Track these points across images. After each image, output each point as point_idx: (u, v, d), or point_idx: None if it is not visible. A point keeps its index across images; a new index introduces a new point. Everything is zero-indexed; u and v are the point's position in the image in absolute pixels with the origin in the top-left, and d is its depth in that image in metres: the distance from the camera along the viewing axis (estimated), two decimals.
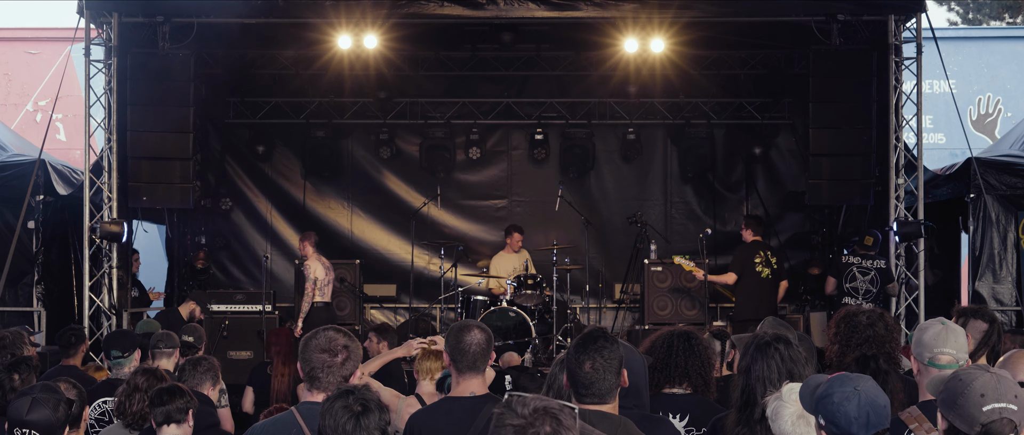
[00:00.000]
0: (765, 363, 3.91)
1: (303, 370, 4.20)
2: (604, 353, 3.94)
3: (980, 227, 11.77)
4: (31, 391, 4.27)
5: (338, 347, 4.17)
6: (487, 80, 14.73)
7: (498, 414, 2.83)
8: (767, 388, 3.86)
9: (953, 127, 16.39)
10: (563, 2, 11.25)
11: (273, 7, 11.46)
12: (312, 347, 4.18)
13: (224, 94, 14.52)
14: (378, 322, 14.68)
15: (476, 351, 4.51)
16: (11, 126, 15.84)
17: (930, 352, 4.43)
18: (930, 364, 4.40)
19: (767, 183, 14.80)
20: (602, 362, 3.91)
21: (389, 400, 5.64)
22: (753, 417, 3.84)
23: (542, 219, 14.56)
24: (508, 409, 2.83)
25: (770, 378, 3.88)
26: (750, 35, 13.11)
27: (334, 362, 4.15)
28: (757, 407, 3.83)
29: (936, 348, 4.43)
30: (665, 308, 12.61)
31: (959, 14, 27.10)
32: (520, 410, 2.81)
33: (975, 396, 3.40)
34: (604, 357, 3.93)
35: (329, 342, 4.18)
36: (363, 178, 15.07)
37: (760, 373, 3.90)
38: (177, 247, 14.49)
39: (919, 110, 11.79)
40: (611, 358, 3.94)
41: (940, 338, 4.44)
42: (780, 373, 3.89)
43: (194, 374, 6.37)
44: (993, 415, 3.35)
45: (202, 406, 5.74)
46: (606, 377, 3.90)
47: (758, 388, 3.88)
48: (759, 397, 3.85)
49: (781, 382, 3.84)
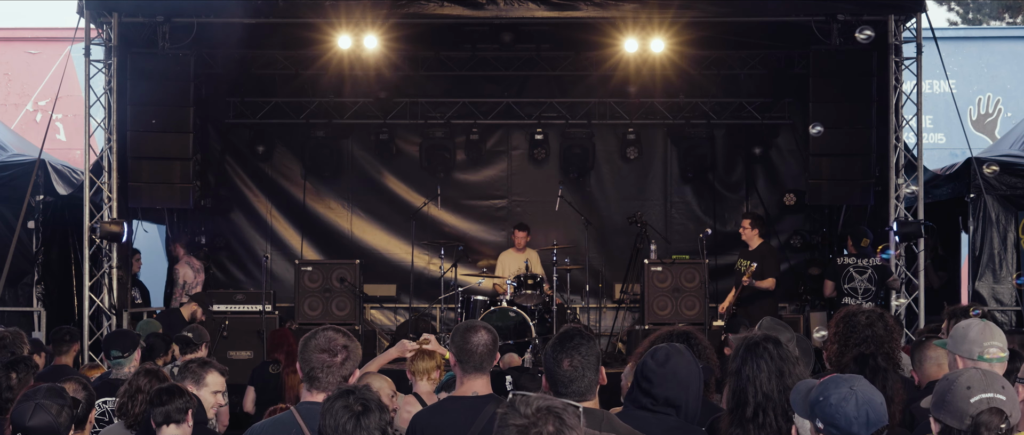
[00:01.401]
0: (755, 363, 3.92)
1: (302, 370, 4.20)
2: (582, 350, 3.96)
3: (980, 227, 11.78)
4: (35, 395, 4.25)
5: (337, 347, 4.18)
6: (487, 80, 14.72)
7: (502, 414, 2.84)
8: (757, 389, 3.87)
9: (953, 127, 16.39)
10: (563, 2, 11.25)
11: (273, 7, 11.46)
12: (311, 347, 4.18)
13: (224, 94, 14.52)
14: (378, 322, 14.73)
15: (483, 352, 4.53)
16: (11, 126, 15.85)
17: (979, 347, 4.55)
18: (981, 359, 4.50)
19: (767, 183, 14.80)
20: (580, 359, 3.92)
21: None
22: (745, 416, 3.86)
23: (542, 219, 14.55)
24: (512, 409, 2.83)
25: (759, 378, 3.89)
26: (750, 35, 13.12)
27: (334, 362, 4.16)
28: (748, 407, 3.85)
29: (985, 342, 4.53)
30: (665, 308, 12.61)
31: (959, 14, 27.11)
32: (523, 409, 2.81)
33: (962, 390, 3.44)
34: (582, 354, 3.95)
35: (328, 342, 4.18)
36: (363, 178, 15.07)
37: (750, 373, 3.90)
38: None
39: (919, 110, 11.79)
40: (589, 354, 3.97)
41: (986, 333, 4.58)
42: (769, 373, 3.90)
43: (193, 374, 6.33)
44: (981, 405, 3.38)
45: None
46: (585, 375, 3.92)
47: (748, 388, 3.89)
48: (750, 397, 3.86)
49: (771, 382, 3.87)
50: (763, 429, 3.83)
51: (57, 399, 4.19)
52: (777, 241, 14.51)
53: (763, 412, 3.85)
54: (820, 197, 12.33)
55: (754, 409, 3.85)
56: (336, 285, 12.70)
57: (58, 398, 4.20)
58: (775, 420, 3.84)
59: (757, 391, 3.86)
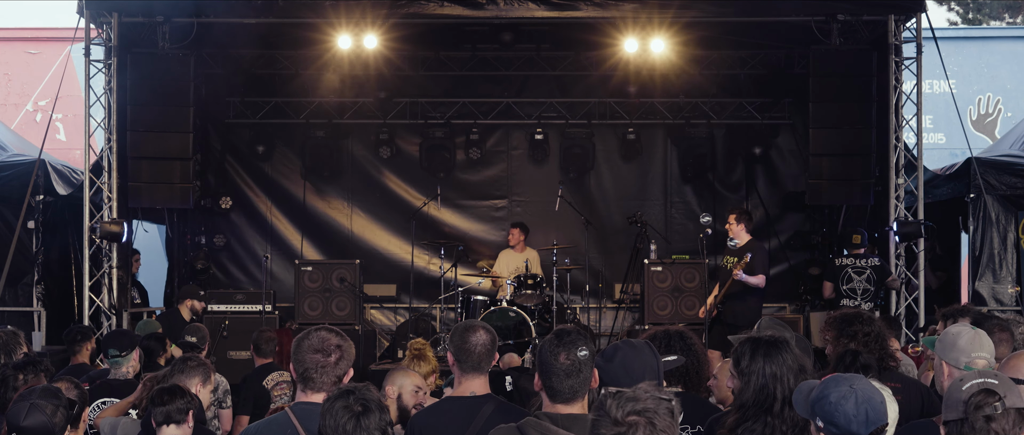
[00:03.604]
0: (780, 360, 4.07)
1: (296, 372, 4.19)
2: (578, 343, 3.97)
3: (980, 227, 11.78)
4: (30, 395, 4.25)
5: (331, 347, 4.18)
6: (487, 80, 14.72)
7: (594, 421, 2.77)
8: (785, 385, 4.01)
9: (953, 127, 16.39)
10: (563, 2, 11.25)
11: (273, 7, 11.46)
12: (304, 348, 4.18)
13: (224, 94, 14.51)
14: (378, 322, 14.72)
15: (481, 352, 4.52)
16: (11, 126, 15.85)
17: (967, 356, 4.57)
18: (967, 368, 4.51)
19: (767, 183, 14.79)
20: (577, 354, 3.93)
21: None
22: (771, 411, 3.99)
23: (542, 219, 14.55)
24: (603, 414, 2.76)
25: (785, 375, 4.04)
26: (750, 35, 13.12)
27: (328, 362, 4.16)
28: (776, 402, 4.00)
29: (973, 352, 4.54)
30: (665, 308, 12.61)
31: (959, 14, 27.10)
32: (614, 413, 2.74)
33: (956, 384, 3.50)
34: (579, 348, 3.96)
35: (321, 342, 4.18)
36: (363, 178, 15.07)
37: (776, 371, 4.05)
38: (177, 247, 14.48)
39: (919, 110, 11.79)
40: (583, 348, 3.98)
41: (976, 343, 4.60)
42: (792, 369, 4.05)
43: (184, 371, 6.31)
44: (973, 389, 3.43)
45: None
46: (581, 370, 3.92)
47: (776, 386, 4.03)
48: (778, 394, 4.01)
49: (795, 378, 4.02)
50: (787, 423, 3.98)
51: (52, 399, 4.19)
52: (778, 241, 14.53)
53: (789, 406, 3.97)
54: (820, 197, 12.33)
55: (782, 404, 4.00)
56: (336, 285, 12.70)
57: (53, 398, 4.20)
58: (797, 414, 3.94)
59: (784, 388, 4.00)
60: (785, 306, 14.10)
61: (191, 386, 5.91)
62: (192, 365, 6.21)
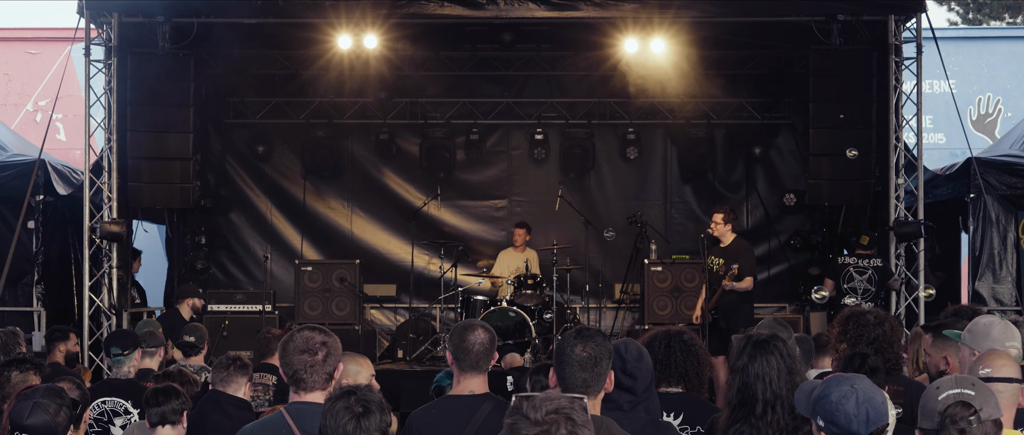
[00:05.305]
0: (765, 360, 3.93)
1: (286, 374, 4.20)
2: (598, 339, 3.99)
3: (980, 227, 11.78)
4: (33, 394, 4.25)
5: (316, 345, 4.18)
6: (487, 80, 14.72)
7: (510, 424, 2.78)
8: (767, 386, 3.90)
9: (953, 127, 16.39)
10: (563, 2, 11.25)
11: (273, 7, 11.46)
12: (290, 351, 4.18)
13: (224, 94, 14.52)
14: (378, 322, 14.72)
15: (479, 351, 4.52)
16: (11, 126, 15.85)
17: (1001, 346, 4.58)
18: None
19: (767, 183, 14.79)
20: (594, 347, 3.94)
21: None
22: (754, 413, 3.88)
23: (542, 219, 14.54)
24: (520, 416, 2.78)
25: (769, 375, 3.91)
26: (750, 35, 13.11)
27: (315, 360, 4.16)
28: (758, 404, 3.88)
29: (1006, 342, 4.56)
30: (665, 308, 12.60)
31: (959, 14, 27.10)
32: (533, 415, 2.76)
33: (932, 392, 3.49)
34: (597, 343, 3.98)
35: (306, 342, 4.18)
36: (363, 178, 15.07)
37: (760, 371, 3.92)
38: (177, 247, 14.48)
39: (919, 110, 11.79)
40: (602, 345, 4.00)
41: (1008, 333, 4.63)
42: (780, 371, 3.92)
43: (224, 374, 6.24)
44: (949, 401, 3.42)
45: (238, 411, 5.77)
46: (597, 364, 3.93)
47: (757, 386, 3.91)
48: (759, 394, 3.89)
49: (780, 380, 3.89)
50: (771, 426, 3.86)
51: (55, 398, 4.19)
52: (778, 241, 14.53)
53: (772, 409, 3.87)
54: (820, 197, 12.32)
55: (763, 406, 3.88)
56: (336, 285, 12.70)
57: (57, 398, 4.20)
58: (783, 417, 3.86)
59: (767, 388, 3.89)
60: (785, 306, 14.10)
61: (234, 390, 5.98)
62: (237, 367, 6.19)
